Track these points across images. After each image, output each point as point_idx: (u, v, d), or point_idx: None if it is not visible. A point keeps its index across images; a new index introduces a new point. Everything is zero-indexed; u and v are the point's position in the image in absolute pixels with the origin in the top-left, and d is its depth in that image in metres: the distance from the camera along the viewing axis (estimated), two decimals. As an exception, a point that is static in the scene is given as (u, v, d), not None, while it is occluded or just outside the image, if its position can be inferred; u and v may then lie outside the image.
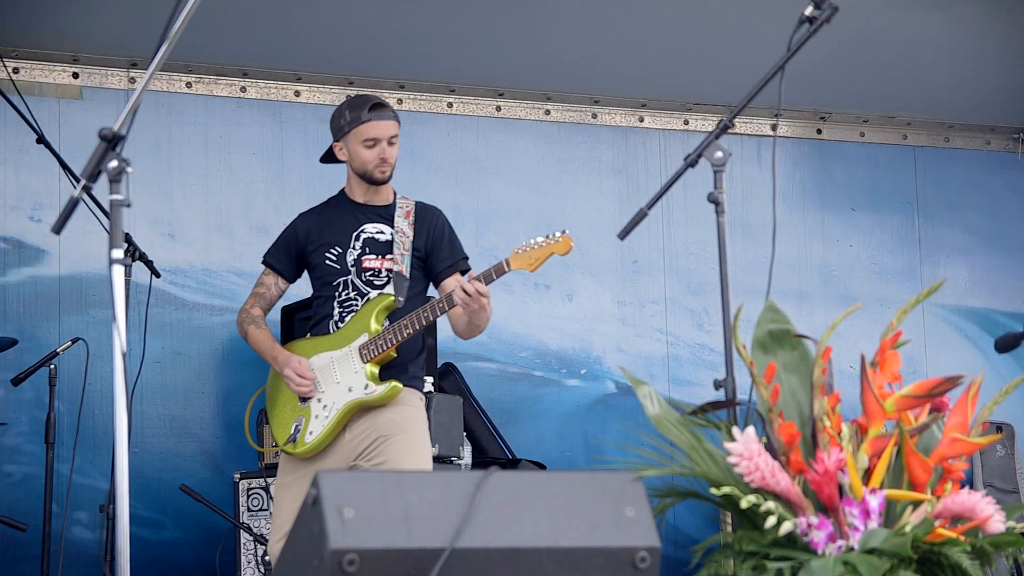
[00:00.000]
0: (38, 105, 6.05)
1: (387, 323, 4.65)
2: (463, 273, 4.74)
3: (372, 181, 4.74)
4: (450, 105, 7.00)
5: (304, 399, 4.68)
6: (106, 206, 3.20)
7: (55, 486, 5.57)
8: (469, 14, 6.33)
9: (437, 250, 4.75)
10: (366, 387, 4.60)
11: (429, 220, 4.79)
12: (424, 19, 6.33)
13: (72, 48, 6.35)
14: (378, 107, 4.72)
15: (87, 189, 3.22)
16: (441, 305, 4.55)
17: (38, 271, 6.27)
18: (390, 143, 4.71)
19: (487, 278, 4.52)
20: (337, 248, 4.74)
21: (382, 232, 4.74)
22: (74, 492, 5.89)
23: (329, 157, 4.82)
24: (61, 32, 6.22)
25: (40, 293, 6.26)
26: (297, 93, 6.71)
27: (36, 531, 5.60)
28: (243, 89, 6.67)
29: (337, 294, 4.73)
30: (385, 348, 4.59)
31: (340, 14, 6.23)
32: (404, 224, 4.74)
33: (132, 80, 6.47)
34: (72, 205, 3.24)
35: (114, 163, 3.16)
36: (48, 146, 5.54)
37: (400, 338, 4.58)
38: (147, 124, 6.38)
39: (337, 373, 4.65)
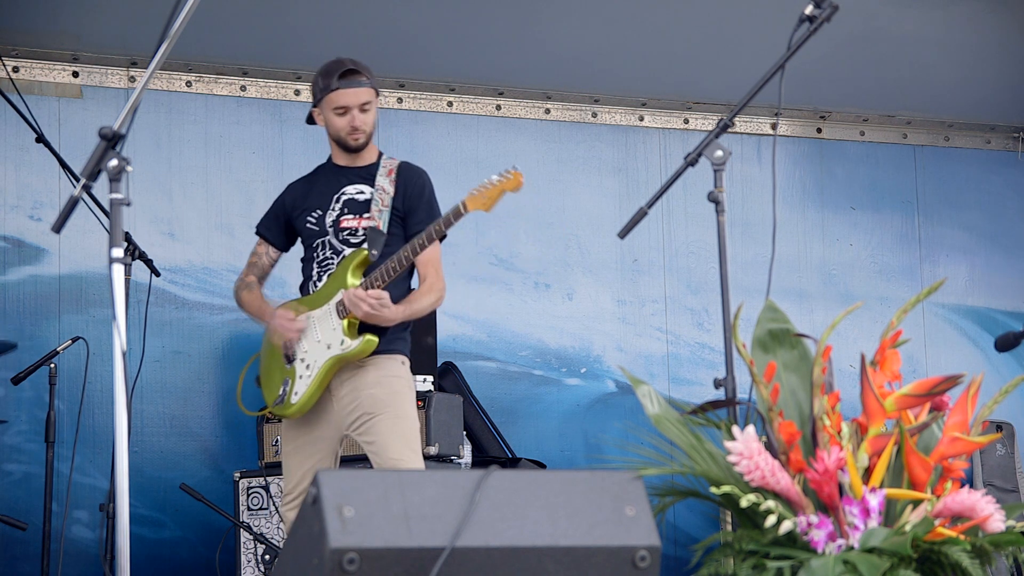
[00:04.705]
0: (38, 104, 6.05)
1: (364, 278, 4.65)
2: (441, 240, 4.69)
3: (347, 148, 4.75)
4: (450, 104, 6.99)
5: (290, 360, 4.70)
6: (106, 205, 3.20)
7: (55, 485, 5.57)
8: (469, 13, 6.32)
9: (414, 211, 4.73)
10: (342, 342, 4.60)
11: (410, 179, 4.77)
12: (424, 18, 6.33)
13: (72, 47, 6.34)
14: (349, 74, 4.67)
15: (87, 188, 3.22)
16: (406, 254, 4.55)
17: (38, 270, 6.27)
18: (362, 110, 4.68)
19: (446, 222, 4.51)
20: (318, 211, 4.76)
21: (362, 192, 4.74)
22: (74, 491, 5.89)
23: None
24: (61, 31, 6.22)
25: (40, 292, 6.26)
26: (297, 92, 6.71)
27: (36, 530, 5.60)
28: (243, 88, 6.67)
29: (316, 255, 4.75)
30: None
31: (340, 14, 6.23)
32: (385, 182, 4.74)
33: (132, 79, 6.47)
34: (72, 204, 3.24)
35: (114, 162, 3.16)
36: (48, 145, 5.54)
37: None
38: (147, 123, 6.39)
39: (318, 332, 4.66)
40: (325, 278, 4.71)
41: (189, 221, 6.50)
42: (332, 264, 4.71)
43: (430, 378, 5.90)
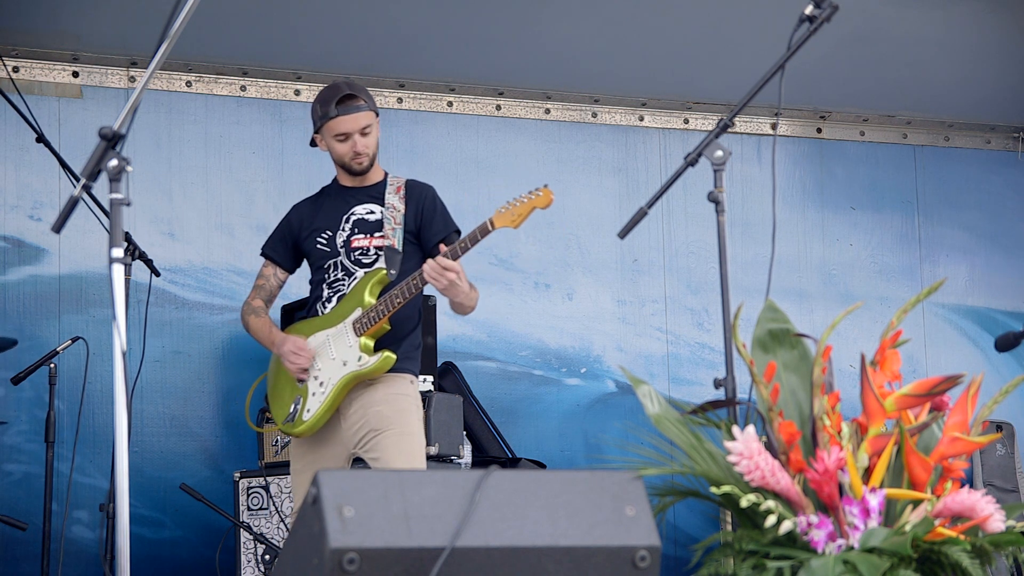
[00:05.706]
0: (38, 104, 6.05)
1: (382, 297, 4.65)
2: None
3: (351, 172, 4.76)
4: (450, 104, 6.99)
5: (302, 379, 4.69)
6: (106, 205, 3.20)
7: (55, 485, 5.57)
8: (469, 13, 6.32)
9: (429, 224, 4.74)
10: (359, 359, 4.61)
11: (419, 195, 4.79)
12: (424, 18, 6.33)
13: (72, 47, 6.35)
14: (346, 99, 4.68)
15: (87, 188, 3.22)
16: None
17: (38, 270, 6.27)
18: (363, 134, 4.69)
19: (472, 240, 4.51)
20: (328, 232, 4.76)
21: (372, 212, 4.75)
22: (74, 491, 5.89)
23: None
24: (61, 31, 6.22)
25: (40, 292, 6.26)
26: (297, 92, 6.71)
27: (36, 530, 5.60)
28: (243, 88, 6.67)
29: (327, 276, 4.75)
30: (377, 320, 4.60)
31: (340, 14, 6.23)
32: (395, 199, 4.75)
33: (132, 79, 6.47)
34: (72, 204, 3.24)
35: (114, 162, 3.16)
36: (48, 145, 5.54)
37: (391, 308, 4.58)
38: (147, 123, 6.39)
39: (332, 349, 4.66)
40: (335, 299, 4.71)
41: (189, 221, 6.50)
42: (343, 284, 4.71)
43: (430, 378, 5.90)
